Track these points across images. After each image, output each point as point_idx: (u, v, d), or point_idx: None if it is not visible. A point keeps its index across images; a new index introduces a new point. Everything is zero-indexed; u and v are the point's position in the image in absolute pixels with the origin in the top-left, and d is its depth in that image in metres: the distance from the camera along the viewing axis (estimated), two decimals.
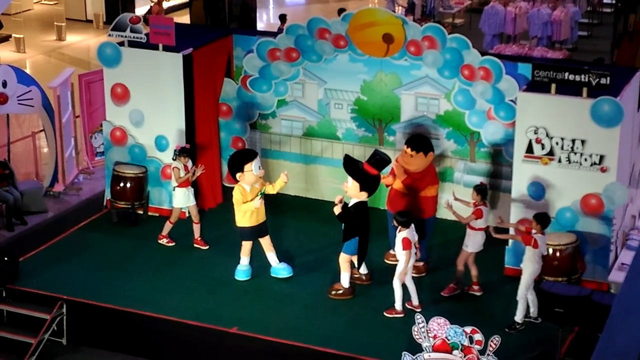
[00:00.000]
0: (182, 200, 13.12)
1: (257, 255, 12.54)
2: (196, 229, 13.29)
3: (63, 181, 15.07)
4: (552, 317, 10.79)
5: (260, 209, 12.19)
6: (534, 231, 11.33)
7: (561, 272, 11.80)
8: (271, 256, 12.49)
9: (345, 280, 12.04)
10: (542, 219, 11.36)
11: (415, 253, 11.63)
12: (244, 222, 12.23)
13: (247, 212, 12.13)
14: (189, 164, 13.08)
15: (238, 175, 12.10)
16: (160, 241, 13.34)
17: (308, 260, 12.99)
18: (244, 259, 12.47)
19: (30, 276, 12.59)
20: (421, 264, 12.53)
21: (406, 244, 11.41)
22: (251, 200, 12.06)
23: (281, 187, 12.38)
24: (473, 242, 11.89)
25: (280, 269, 12.49)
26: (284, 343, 11.18)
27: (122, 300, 12.02)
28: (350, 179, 11.80)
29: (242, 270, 12.48)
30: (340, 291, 12.04)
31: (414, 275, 12.16)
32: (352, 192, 11.77)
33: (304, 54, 14.02)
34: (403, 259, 11.46)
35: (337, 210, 11.73)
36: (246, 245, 12.39)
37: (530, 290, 11.36)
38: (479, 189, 11.91)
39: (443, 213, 13.08)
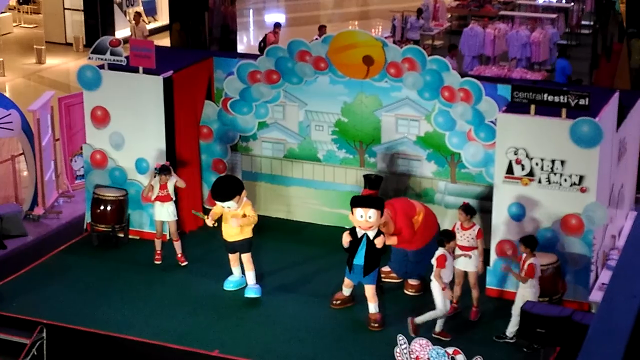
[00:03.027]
0: (156, 214, 13.32)
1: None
2: (176, 245, 13.38)
3: (43, 204, 14.99)
4: (534, 338, 10.80)
5: (231, 230, 12.41)
6: (523, 255, 11.32)
7: (542, 293, 11.79)
8: (248, 275, 12.61)
9: (376, 308, 11.87)
10: (529, 242, 11.36)
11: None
12: (250, 232, 12.51)
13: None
14: (171, 181, 13.16)
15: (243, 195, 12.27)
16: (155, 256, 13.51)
17: (289, 282, 12.95)
18: (234, 270, 12.72)
19: (9, 300, 12.50)
20: (417, 282, 12.65)
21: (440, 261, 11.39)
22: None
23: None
24: (478, 262, 11.91)
25: (248, 289, 12.56)
26: None
27: (102, 324, 11.94)
28: (372, 212, 11.55)
29: (230, 280, 12.74)
30: (377, 323, 11.82)
31: (411, 293, 12.52)
32: (379, 221, 11.66)
33: (284, 76, 14.04)
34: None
35: (379, 242, 11.66)
36: (229, 257, 12.62)
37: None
38: (467, 209, 11.94)
39: None
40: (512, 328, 11.45)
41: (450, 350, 10.17)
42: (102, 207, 13.92)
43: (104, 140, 14.09)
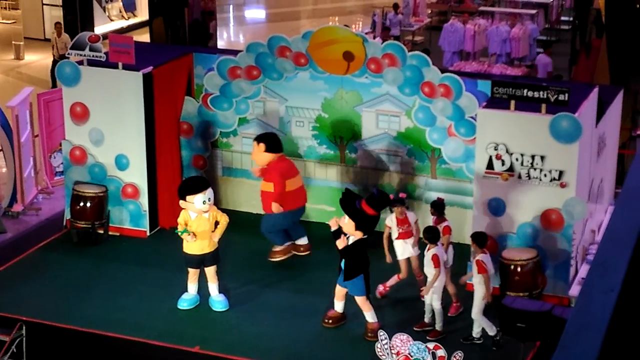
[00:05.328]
0: (399, 251, 12.12)
1: (223, 275, 12.49)
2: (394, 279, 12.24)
3: (22, 201, 14.93)
4: (514, 332, 10.84)
5: (210, 240, 11.90)
6: (472, 250, 11.30)
7: (522, 287, 11.85)
8: (212, 286, 12.16)
9: (372, 317, 11.50)
10: (477, 238, 11.35)
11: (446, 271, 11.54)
12: (186, 249, 11.99)
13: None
14: (410, 215, 12.04)
15: (181, 202, 11.87)
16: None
17: (271, 279, 12.94)
18: (190, 287, 12.17)
19: None
20: (305, 241, 13.22)
21: (436, 261, 11.28)
22: (186, 231, 11.78)
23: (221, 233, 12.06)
24: (451, 257, 11.89)
25: (216, 301, 12.16)
26: None
27: (82, 321, 11.89)
28: (346, 218, 11.19)
29: (184, 298, 12.19)
30: (373, 334, 11.19)
31: (303, 253, 13.12)
32: (347, 229, 11.21)
33: (264, 72, 14.02)
34: (432, 276, 11.33)
35: (340, 244, 11.22)
36: (189, 273, 12.11)
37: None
38: (436, 205, 11.93)
39: None
40: (476, 329, 11.43)
41: (430, 345, 10.19)
42: (81, 204, 13.86)
43: (84, 137, 14.03)
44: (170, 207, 13.90)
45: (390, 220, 12.09)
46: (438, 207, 11.91)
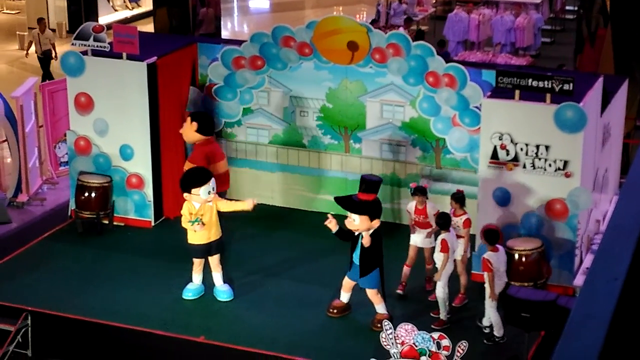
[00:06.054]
0: (412, 238, 12.14)
1: (227, 266, 12.51)
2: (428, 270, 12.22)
3: (27, 191, 14.94)
4: (519, 322, 10.84)
5: (214, 228, 11.93)
6: (479, 244, 11.26)
7: (527, 277, 11.86)
8: (216, 276, 12.19)
9: (383, 309, 11.54)
10: (488, 235, 11.32)
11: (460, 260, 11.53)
12: (192, 239, 12.01)
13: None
14: (429, 205, 11.90)
15: (185, 195, 11.89)
16: None
17: (275, 268, 12.95)
18: (195, 277, 12.23)
19: None
20: None
21: (444, 246, 11.31)
22: (194, 221, 11.76)
23: (235, 210, 12.02)
24: (463, 249, 11.87)
25: (221, 291, 12.21)
26: (251, 352, 11.14)
27: (87, 311, 11.92)
28: (354, 216, 11.21)
29: (189, 288, 12.24)
30: (379, 324, 10.94)
31: None
32: (364, 226, 11.17)
33: (269, 62, 14.00)
34: (441, 261, 11.34)
35: (367, 242, 11.12)
36: (195, 263, 12.16)
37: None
38: (457, 197, 11.91)
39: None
40: (486, 322, 11.41)
41: (435, 335, 10.20)
42: (86, 194, 13.87)
43: (88, 127, 14.03)
44: (175, 197, 13.89)
45: (410, 206, 12.13)
46: (459, 200, 11.90)
